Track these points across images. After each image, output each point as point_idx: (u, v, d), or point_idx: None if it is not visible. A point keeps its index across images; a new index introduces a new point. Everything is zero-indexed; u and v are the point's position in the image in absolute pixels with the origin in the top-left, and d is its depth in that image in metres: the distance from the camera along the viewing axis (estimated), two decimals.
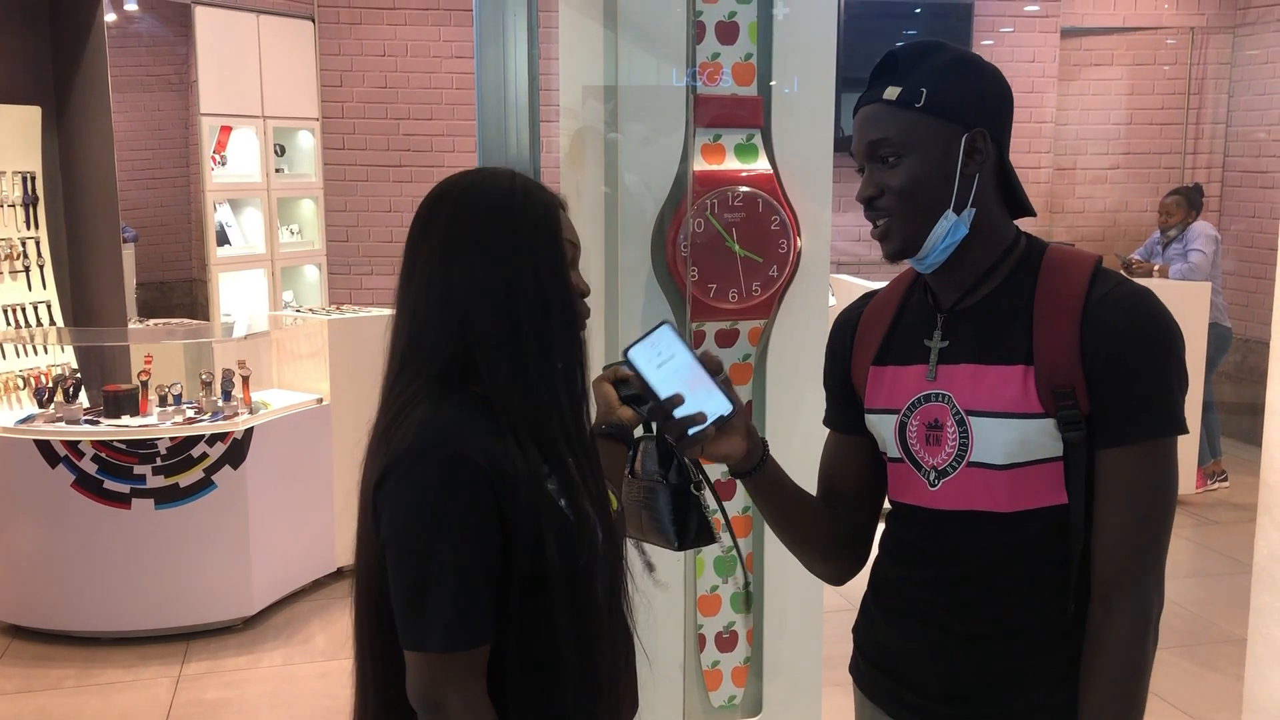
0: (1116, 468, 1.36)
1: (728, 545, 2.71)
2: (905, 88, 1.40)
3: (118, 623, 4.17)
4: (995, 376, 1.40)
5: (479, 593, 1.29)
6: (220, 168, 6.18)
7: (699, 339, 2.60)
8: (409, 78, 6.73)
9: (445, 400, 1.33)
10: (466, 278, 1.34)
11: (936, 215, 1.40)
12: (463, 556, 1.28)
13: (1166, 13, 7.41)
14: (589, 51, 2.58)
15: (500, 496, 1.29)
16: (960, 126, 1.39)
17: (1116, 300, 1.37)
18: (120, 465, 4.05)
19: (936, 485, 1.45)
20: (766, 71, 2.55)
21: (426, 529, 1.28)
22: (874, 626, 1.57)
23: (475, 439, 1.30)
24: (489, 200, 1.37)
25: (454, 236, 1.36)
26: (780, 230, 2.56)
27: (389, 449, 1.32)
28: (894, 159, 1.40)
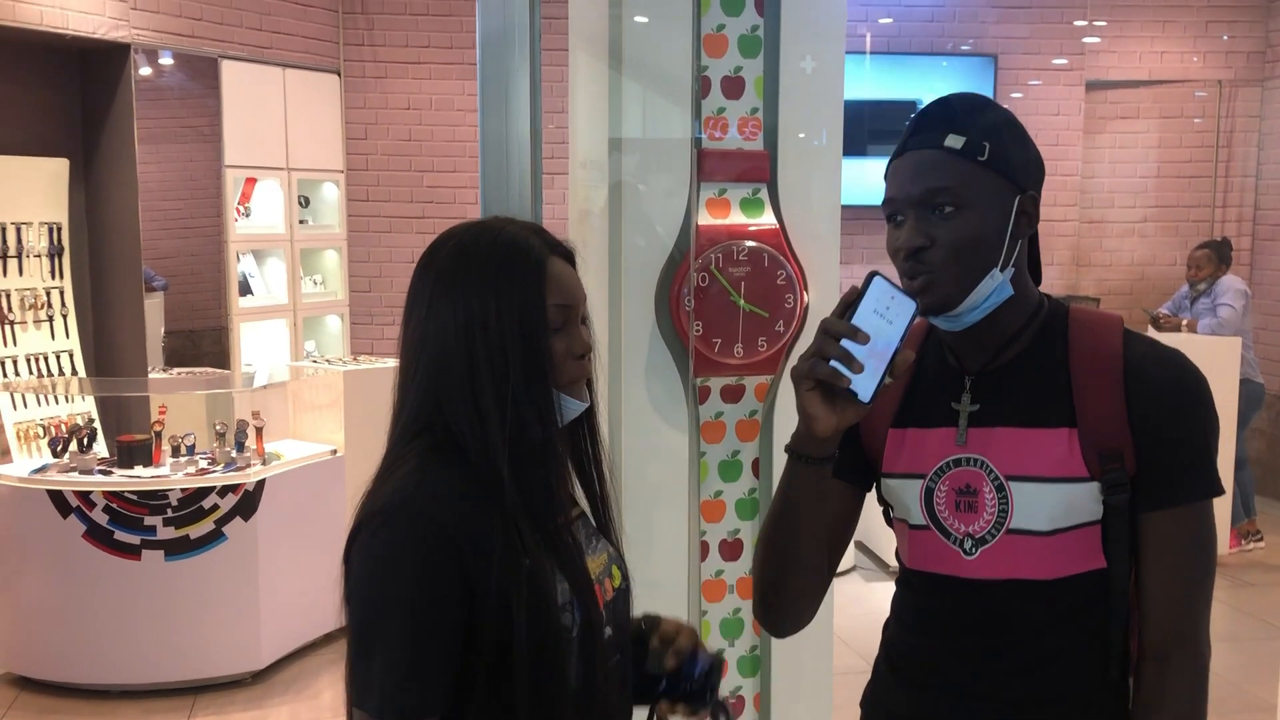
0: (1165, 530, 1.35)
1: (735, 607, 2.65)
2: (969, 138, 1.34)
3: (125, 675, 4.13)
4: (1038, 440, 1.36)
5: (427, 663, 1.24)
6: (244, 219, 6.24)
7: (704, 394, 2.56)
8: (433, 131, 6.79)
9: (432, 460, 1.30)
10: (439, 332, 1.32)
11: (983, 273, 1.35)
12: (414, 624, 1.24)
13: (1194, 66, 7.37)
14: (597, 105, 2.57)
15: (469, 567, 1.24)
16: (1016, 188, 1.36)
17: (1158, 362, 1.36)
18: (131, 516, 4.03)
19: (974, 554, 1.39)
20: (773, 126, 2.53)
21: (382, 591, 1.25)
22: (889, 696, 1.51)
23: (450, 503, 1.26)
24: (466, 252, 1.34)
25: (435, 291, 1.34)
26: (787, 285, 2.52)
27: (365, 506, 1.30)
28: (950, 210, 1.34)
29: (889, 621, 1.56)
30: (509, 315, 1.29)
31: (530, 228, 1.39)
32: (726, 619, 2.64)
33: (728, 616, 2.65)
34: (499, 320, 1.29)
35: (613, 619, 1.41)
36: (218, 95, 5.92)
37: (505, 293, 1.30)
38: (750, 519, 2.63)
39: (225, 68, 5.90)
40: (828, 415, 1.28)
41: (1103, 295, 7.11)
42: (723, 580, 2.63)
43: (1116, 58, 7.31)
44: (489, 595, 1.25)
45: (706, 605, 2.62)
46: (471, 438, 1.29)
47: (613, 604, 1.42)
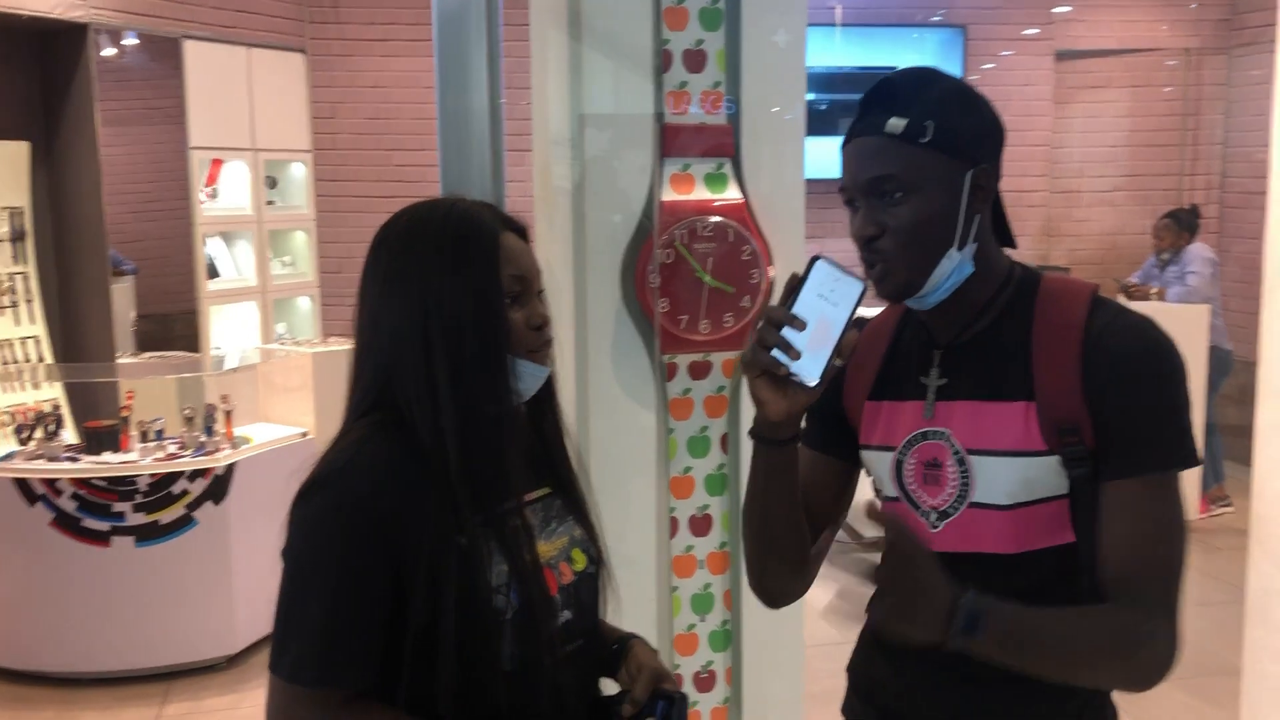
0: (1120, 499, 1.31)
1: (705, 583, 2.65)
2: (910, 120, 1.31)
3: (97, 663, 4.11)
4: (996, 414, 1.35)
5: (344, 634, 1.25)
6: (211, 201, 6.17)
7: (671, 371, 2.55)
8: (400, 109, 6.72)
9: (376, 434, 1.30)
10: (390, 311, 1.32)
11: (940, 254, 1.33)
12: (333, 594, 1.25)
13: (1162, 34, 7.38)
14: (559, 80, 2.54)
15: (397, 542, 1.25)
16: (966, 163, 1.33)
17: (1117, 331, 1.32)
18: (99, 503, 4.00)
19: (939, 527, 1.39)
20: (736, 100, 2.51)
21: (306, 560, 1.27)
22: (872, 665, 1.52)
23: (383, 477, 1.26)
24: (418, 231, 1.34)
25: (385, 270, 1.34)
26: (752, 260, 2.51)
27: (307, 476, 1.31)
28: (898, 196, 1.32)
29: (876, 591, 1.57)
30: (463, 289, 1.29)
31: (481, 204, 1.38)
32: (697, 594, 2.65)
33: (698, 592, 2.65)
34: (454, 294, 1.29)
35: (574, 602, 1.40)
36: (181, 76, 5.84)
37: (459, 267, 1.30)
38: (719, 494, 2.63)
39: (188, 48, 5.82)
40: (777, 400, 1.29)
41: (1073, 265, 7.15)
42: (693, 555, 2.64)
43: (1085, 27, 7.31)
44: (418, 572, 1.25)
45: (677, 581, 2.63)
46: (420, 414, 1.29)
47: (574, 587, 1.41)
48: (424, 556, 1.25)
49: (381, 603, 1.25)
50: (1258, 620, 2.61)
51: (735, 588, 2.67)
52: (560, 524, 1.44)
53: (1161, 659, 1.30)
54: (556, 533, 1.43)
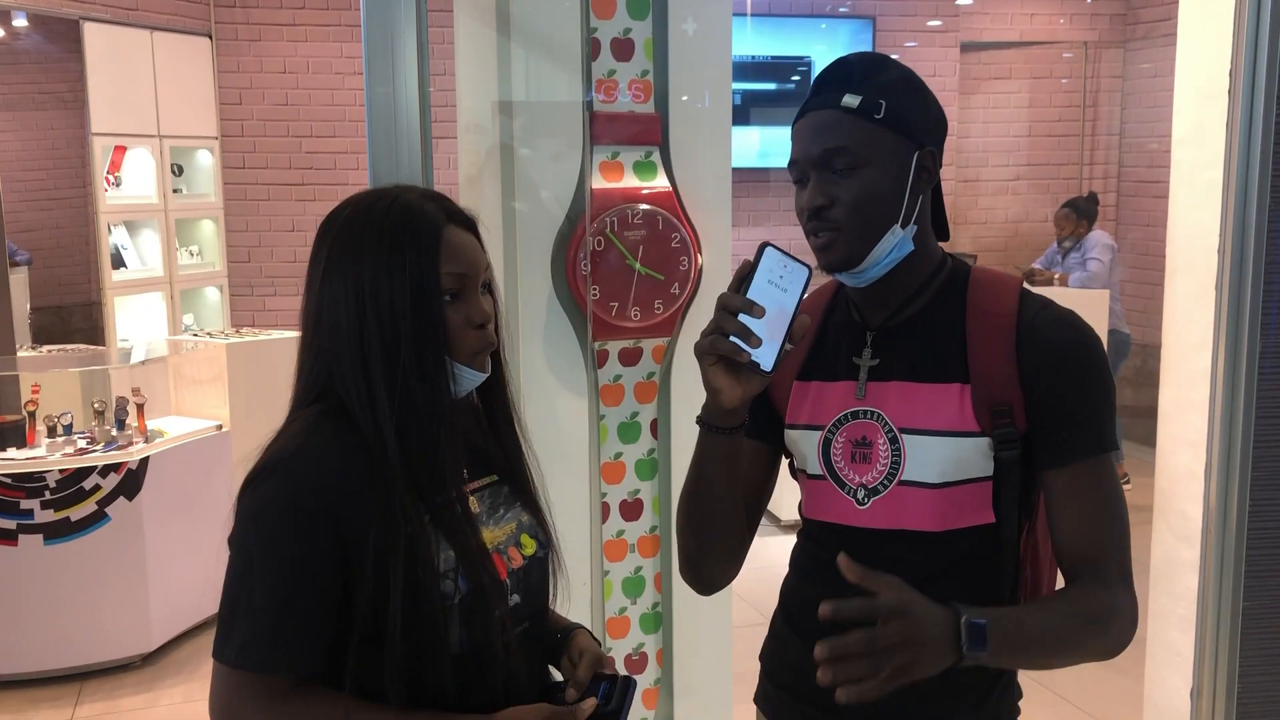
0: (1063, 485, 1.37)
1: (636, 566, 2.68)
2: (865, 97, 1.36)
3: (7, 665, 3.98)
4: (930, 395, 1.39)
5: (290, 620, 1.25)
6: (115, 189, 6.00)
7: (602, 358, 2.57)
8: (310, 95, 6.61)
9: (320, 424, 1.30)
10: (330, 302, 1.31)
11: (884, 229, 1.37)
12: (278, 581, 1.25)
13: (1061, 28, 7.61)
14: (486, 67, 2.53)
15: (343, 530, 1.25)
16: (914, 143, 1.38)
17: (1050, 323, 1.38)
18: (5, 500, 3.88)
19: (866, 504, 1.42)
20: (663, 88, 2.54)
21: (252, 548, 1.27)
22: (787, 650, 1.54)
23: (328, 465, 1.27)
24: (359, 220, 1.33)
25: (326, 261, 1.33)
26: (681, 248, 2.54)
27: (253, 465, 1.30)
28: (849, 169, 1.36)
29: (787, 576, 1.59)
30: (401, 284, 1.28)
31: (428, 194, 1.37)
32: (628, 577, 2.68)
33: (629, 575, 2.68)
34: (390, 288, 1.28)
35: (522, 587, 1.41)
36: (80, 59, 5.65)
37: (398, 261, 1.28)
38: (649, 479, 2.67)
39: (88, 30, 5.64)
40: (732, 387, 1.31)
41: (978, 252, 7.34)
42: (624, 540, 2.67)
43: (989, 19, 7.50)
44: (365, 559, 1.25)
45: (608, 565, 2.65)
46: (359, 406, 1.29)
47: (522, 572, 1.42)
48: (370, 543, 1.25)
49: (328, 589, 1.26)
50: (1162, 590, 2.73)
51: (666, 571, 2.70)
52: (508, 510, 1.45)
53: (1128, 627, 1.36)
54: (504, 519, 1.43)
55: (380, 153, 2.26)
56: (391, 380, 1.28)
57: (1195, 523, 2.49)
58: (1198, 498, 2.47)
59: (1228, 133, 2.33)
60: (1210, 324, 2.41)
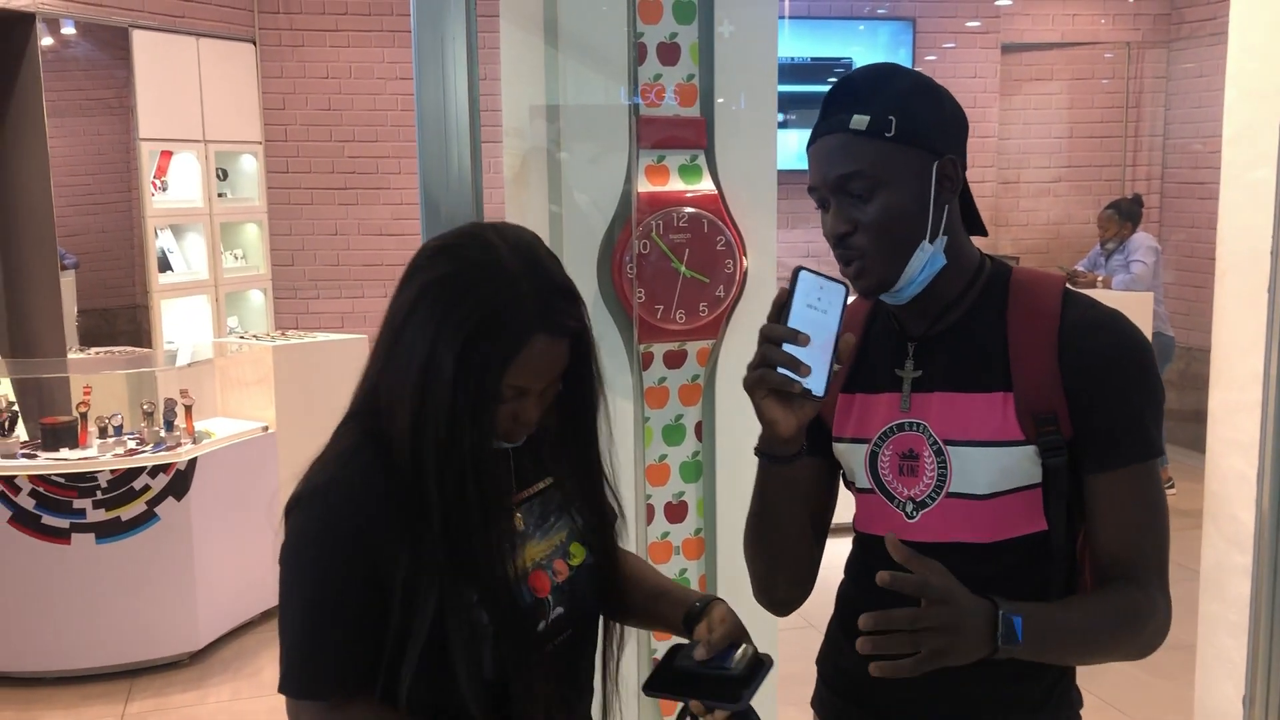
0: (1108, 490, 1.35)
1: (681, 568, 2.69)
2: (873, 116, 1.31)
3: (59, 662, 4.06)
4: (974, 404, 1.36)
5: (321, 646, 1.28)
6: (161, 193, 6.09)
7: (647, 360, 2.59)
8: (353, 100, 6.67)
9: (364, 450, 1.30)
10: (404, 344, 1.28)
11: (913, 247, 1.34)
12: (311, 608, 1.28)
13: (1103, 28, 7.55)
14: (532, 72, 2.56)
15: (376, 559, 1.26)
16: (931, 154, 1.33)
17: (1094, 326, 1.35)
18: (59, 500, 3.95)
19: (915, 517, 1.41)
20: (709, 92, 2.55)
21: (290, 574, 1.29)
22: (843, 656, 1.53)
23: (366, 495, 1.27)
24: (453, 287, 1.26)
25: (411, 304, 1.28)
26: (726, 250, 2.55)
27: (298, 484, 1.32)
28: (867, 193, 1.32)
29: (844, 583, 1.58)
30: (464, 376, 1.24)
31: (540, 285, 1.27)
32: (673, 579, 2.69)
33: (674, 577, 2.69)
34: (454, 383, 1.24)
35: (568, 599, 1.41)
36: (128, 66, 5.74)
37: (468, 359, 1.24)
38: (694, 481, 2.68)
39: (136, 37, 5.73)
40: (787, 417, 1.31)
41: (1020, 254, 7.29)
42: (669, 542, 2.68)
43: (1030, 20, 7.45)
44: (395, 588, 1.26)
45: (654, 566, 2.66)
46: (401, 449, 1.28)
47: (568, 584, 1.41)
48: (401, 573, 1.26)
49: (361, 617, 1.27)
50: (1213, 595, 2.71)
51: (710, 573, 2.71)
52: (559, 517, 1.43)
53: (1162, 629, 1.37)
54: (553, 529, 1.42)
55: (430, 157, 2.29)
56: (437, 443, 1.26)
57: (1247, 527, 2.46)
58: (1249, 502, 2.44)
59: None
60: (1261, 326, 2.39)
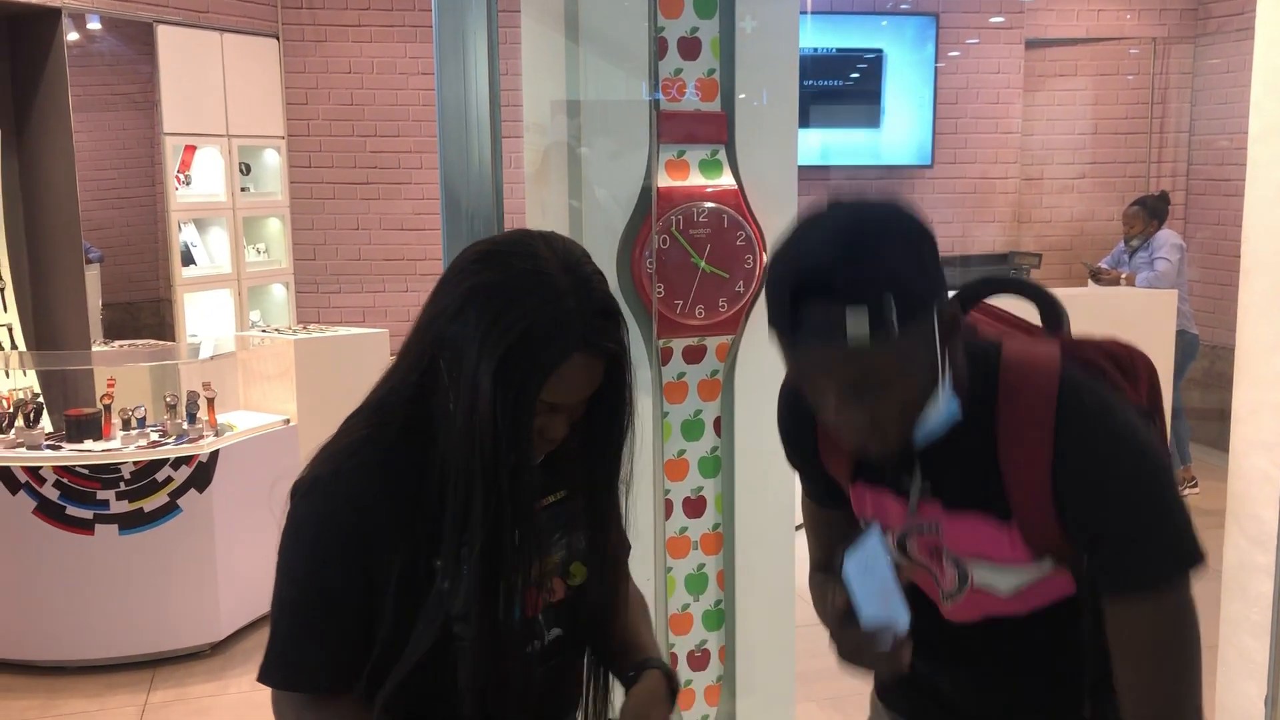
0: (1121, 620, 1.27)
1: (699, 563, 2.69)
2: (870, 313, 1.13)
3: (82, 651, 4.09)
4: (978, 527, 1.31)
5: (306, 640, 1.28)
6: (184, 187, 6.13)
7: (666, 355, 2.59)
8: (375, 95, 6.69)
9: (374, 442, 1.30)
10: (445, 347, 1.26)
11: (926, 406, 1.24)
12: (301, 603, 1.28)
13: (1129, 23, 7.48)
14: (552, 66, 2.56)
15: (369, 558, 1.26)
16: (929, 312, 1.19)
17: (1090, 440, 1.23)
18: (83, 491, 3.98)
19: (946, 603, 1.40)
20: (730, 87, 2.55)
21: (285, 562, 1.30)
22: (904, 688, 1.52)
23: (367, 492, 1.26)
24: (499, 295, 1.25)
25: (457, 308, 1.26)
26: (746, 246, 2.55)
27: (304, 470, 1.32)
28: (884, 388, 1.20)
29: None
30: (502, 393, 1.22)
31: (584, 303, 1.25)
32: (691, 574, 2.69)
33: (692, 572, 2.69)
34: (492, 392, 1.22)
35: (564, 619, 1.39)
36: (152, 61, 5.78)
37: (508, 370, 1.22)
38: (712, 476, 2.68)
39: (161, 32, 5.76)
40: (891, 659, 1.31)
41: (1043, 251, 7.24)
42: (687, 537, 2.68)
43: (1054, 15, 7.39)
44: (387, 588, 1.26)
45: (671, 561, 2.67)
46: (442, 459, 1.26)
47: (564, 605, 1.39)
48: (394, 574, 1.26)
49: (350, 613, 1.27)
50: (1235, 595, 2.68)
51: (728, 569, 2.71)
52: (565, 534, 1.40)
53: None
54: (556, 545, 1.39)
55: (451, 152, 2.30)
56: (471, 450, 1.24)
57: (1270, 526, 2.44)
58: (1273, 501, 2.43)
59: None
60: None
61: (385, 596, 1.26)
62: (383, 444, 1.29)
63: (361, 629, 1.27)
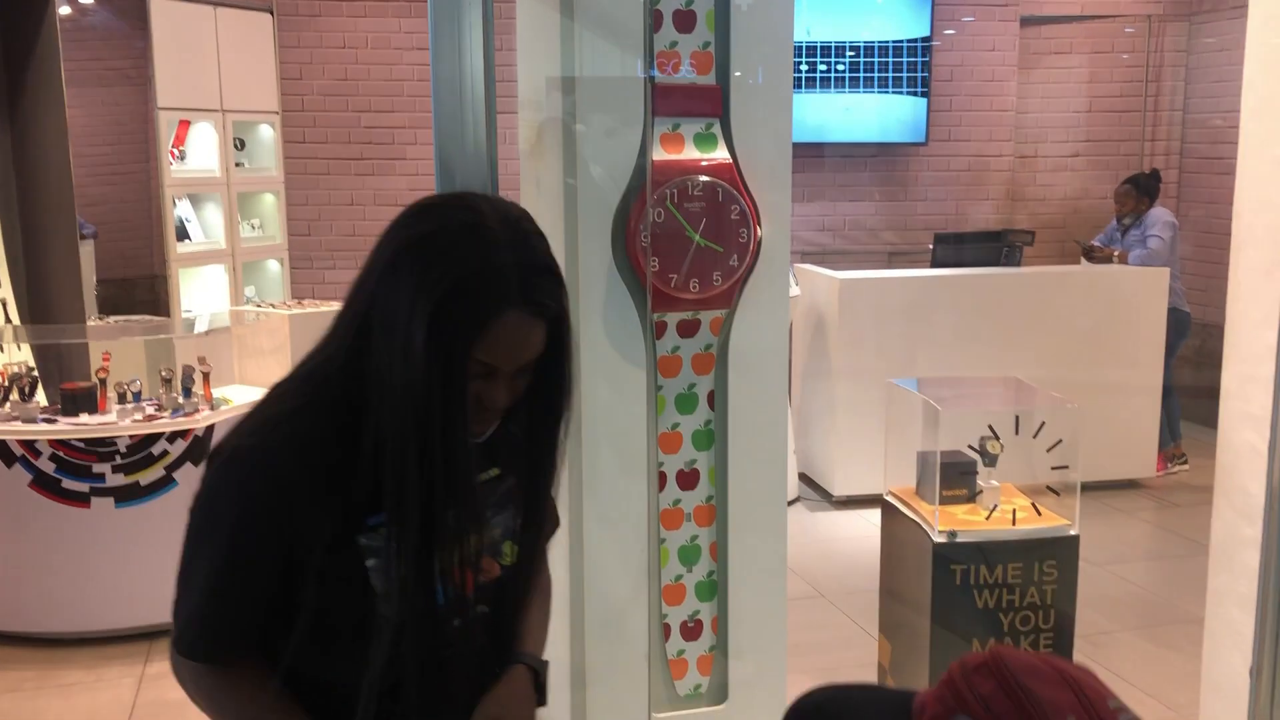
0: None
1: (692, 535, 2.72)
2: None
3: (79, 623, 4.12)
4: None
5: (222, 612, 1.26)
6: (179, 162, 6.12)
7: (660, 329, 2.60)
8: (370, 70, 6.68)
9: (305, 412, 1.25)
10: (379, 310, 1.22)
11: None
12: (214, 569, 1.25)
13: (1124, 1, 7.48)
14: (547, 42, 2.56)
15: (292, 529, 1.22)
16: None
17: None
18: (79, 464, 4.00)
19: None
20: (725, 60, 2.55)
21: (202, 526, 1.26)
22: None
23: (295, 463, 1.22)
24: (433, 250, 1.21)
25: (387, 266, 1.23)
26: (740, 220, 2.56)
27: (232, 429, 1.28)
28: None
29: None
30: (435, 350, 1.18)
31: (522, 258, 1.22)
32: (684, 545, 2.72)
33: (685, 544, 2.72)
34: (424, 352, 1.18)
35: (492, 598, 1.37)
36: (145, 35, 5.76)
37: (440, 324, 1.18)
38: (706, 449, 2.70)
39: (154, 6, 5.74)
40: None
41: (1037, 229, 7.24)
42: (680, 509, 2.70)
43: None
44: (310, 562, 1.23)
45: (665, 533, 2.69)
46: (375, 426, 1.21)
47: (496, 584, 1.37)
48: (319, 549, 1.22)
49: (266, 583, 1.24)
50: (1222, 567, 2.72)
51: (721, 540, 2.74)
52: (497, 513, 1.37)
53: None
54: (489, 524, 1.36)
55: (446, 128, 2.30)
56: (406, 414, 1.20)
57: (1257, 500, 2.47)
58: (1260, 474, 2.45)
59: None
60: (1276, 299, 2.39)
61: (308, 572, 1.22)
62: (310, 416, 1.25)
63: (275, 603, 1.24)
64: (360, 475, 1.22)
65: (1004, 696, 1.11)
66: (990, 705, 1.11)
